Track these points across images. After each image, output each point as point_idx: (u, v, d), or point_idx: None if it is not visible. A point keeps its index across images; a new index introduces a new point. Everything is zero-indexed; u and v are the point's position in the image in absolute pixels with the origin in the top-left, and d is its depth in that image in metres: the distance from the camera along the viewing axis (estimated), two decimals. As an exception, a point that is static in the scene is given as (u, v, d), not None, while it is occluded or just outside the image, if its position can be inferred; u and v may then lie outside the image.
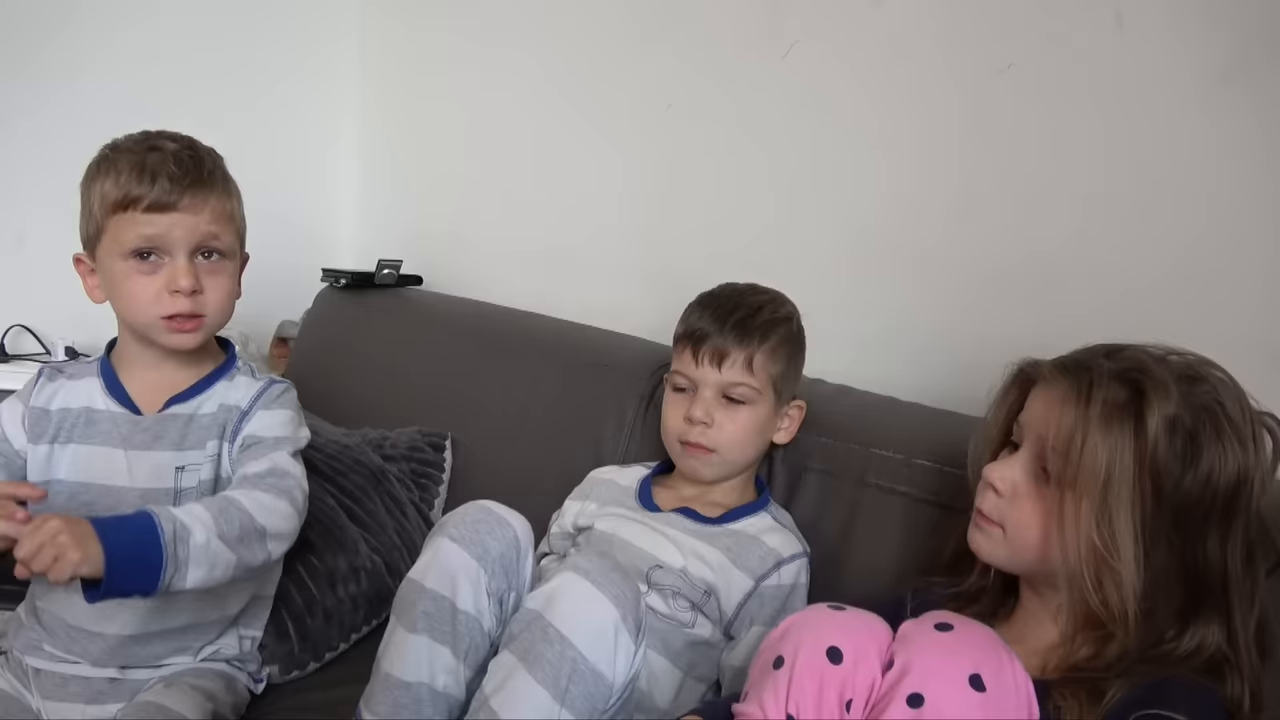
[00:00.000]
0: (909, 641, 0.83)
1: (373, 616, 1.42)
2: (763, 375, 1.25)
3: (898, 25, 1.45)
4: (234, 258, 1.20)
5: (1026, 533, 0.95)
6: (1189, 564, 0.90)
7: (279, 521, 1.12)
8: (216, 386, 1.22)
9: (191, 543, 1.02)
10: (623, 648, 0.99)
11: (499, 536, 1.08)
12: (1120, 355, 0.94)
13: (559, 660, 0.97)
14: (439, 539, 1.08)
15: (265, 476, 1.15)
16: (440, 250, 2.19)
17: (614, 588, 0.99)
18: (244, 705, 1.24)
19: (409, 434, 1.68)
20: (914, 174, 1.45)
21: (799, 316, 1.32)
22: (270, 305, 2.09)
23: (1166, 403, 0.88)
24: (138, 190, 1.11)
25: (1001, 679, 0.79)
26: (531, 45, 2.01)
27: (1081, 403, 0.91)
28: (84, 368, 1.24)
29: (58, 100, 1.96)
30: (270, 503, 1.12)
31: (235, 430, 1.20)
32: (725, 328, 1.26)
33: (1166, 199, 1.21)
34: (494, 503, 1.12)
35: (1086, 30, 1.26)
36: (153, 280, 1.14)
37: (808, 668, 0.83)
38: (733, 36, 1.65)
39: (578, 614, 0.98)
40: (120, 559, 0.97)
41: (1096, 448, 0.89)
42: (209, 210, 1.14)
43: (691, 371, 1.27)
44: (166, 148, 1.14)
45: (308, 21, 2.32)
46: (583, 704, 0.97)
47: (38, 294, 1.93)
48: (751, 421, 1.26)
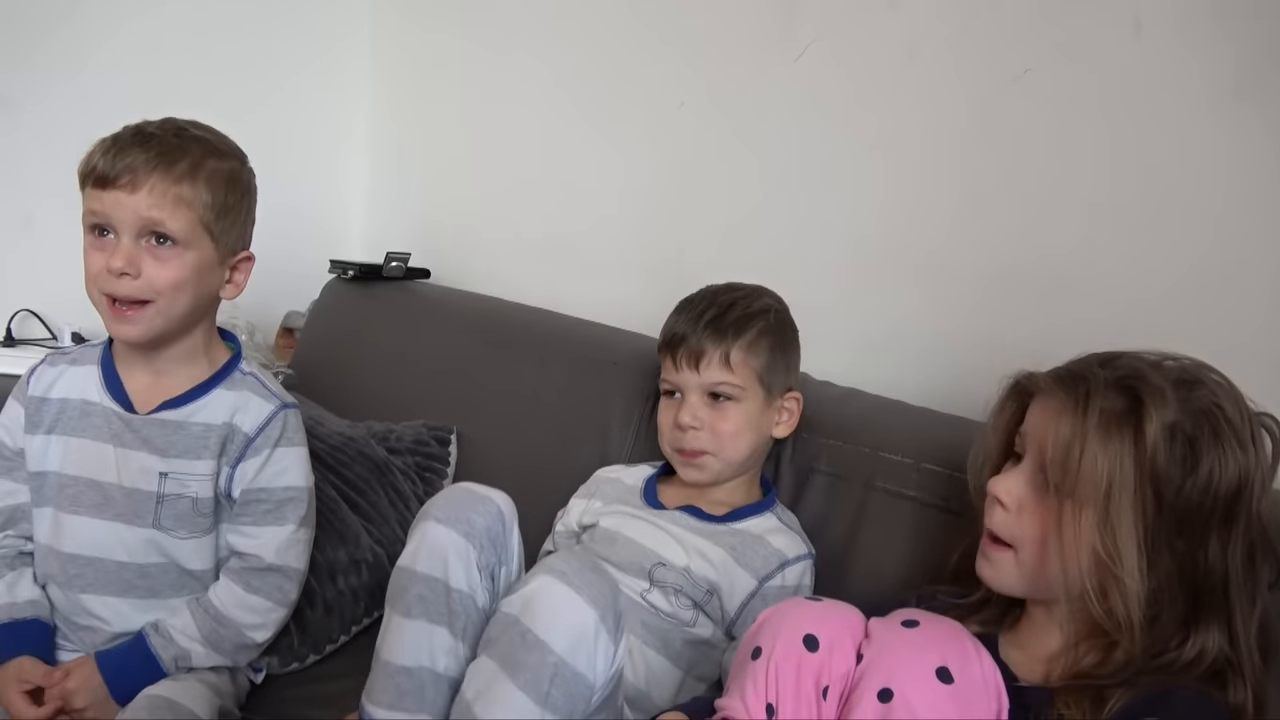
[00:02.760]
0: (877, 639, 0.84)
1: (373, 609, 1.42)
2: (744, 371, 1.25)
3: (914, 29, 1.44)
4: (191, 248, 1.13)
5: (1039, 547, 0.94)
6: (1191, 569, 0.90)
7: (272, 624, 1.21)
8: (213, 394, 1.19)
9: (193, 661, 1.17)
10: (602, 648, 0.98)
11: (483, 512, 1.09)
12: (1115, 364, 0.94)
13: (539, 666, 0.96)
14: (425, 523, 1.08)
15: (265, 574, 1.19)
16: (448, 244, 2.18)
17: (591, 589, 0.98)
18: (244, 695, 1.24)
19: (414, 427, 1.67)
20: (923, 177, 1.45)
21: (782, 309, 1.31)
22: (277, 296, 2.08)
23: (1165, 409, 0.88)
24: (93, 161, 1.11)
25: (968, 670, 0.81)
26: (544, 42, 2.01)
27: (1079, 413, 0.90)
28: (88, 353, 1.23)
29: (65, 87, 1.94)
30: (261, 609, 1.19)
31: (238, 457, 1.18)
32: (699, 328, 1.26)
33: (1175, 208, 1.21)
34: (472, 483, 1.13)
35: (1104, 38, 1.26)
36: (100, 256, 1.12)
37: (785, 656, 0.85)
38: (747, 38, 1.65)
39: (556, 618, 0.97)
40: (132, 691, 1.13)
41: (1096, 457, 0.89)
42: (147, 189, 1.09)
43: (674, 377, 1.28)
44: (145, 128, 1.13)
45: (321, 18, 2.31)
46: (565, 705, 0.97)
47: (45, 279, 1.92)
48: (741, 418, 1.25)
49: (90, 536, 1.16)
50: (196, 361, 1.20)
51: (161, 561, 1.18)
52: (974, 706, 0.80)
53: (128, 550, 1.16)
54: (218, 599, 1.17)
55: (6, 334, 1.92)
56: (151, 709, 1.09)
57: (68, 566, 1.16)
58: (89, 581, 1.16)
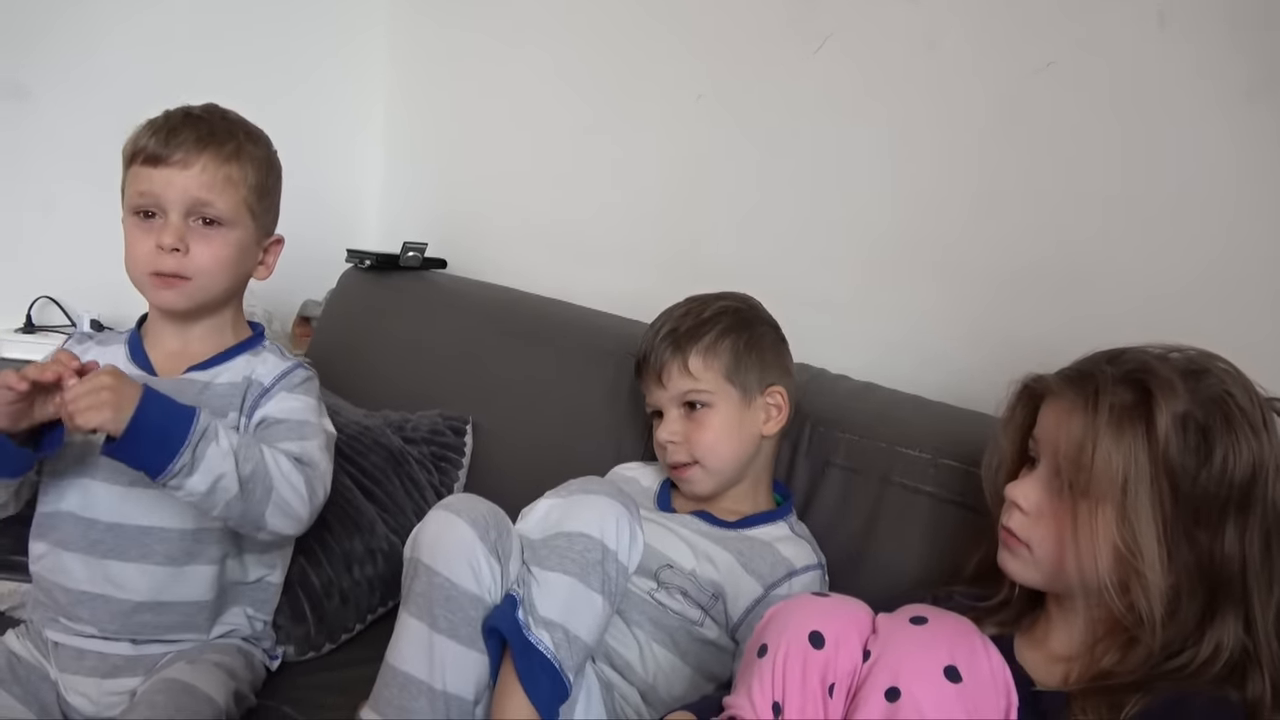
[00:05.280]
0: (885, 636, 0.84)
1: (388, 598, 1.42)
2: (708, 375, 1.25)
3: (933, 22, 1.43)
4: (236, 227, 1.18)
5: (1056, 548, 0.94)
6: (1209, 559, 0.89)
7: (289, 494, 1.12)
8: (238, 359, 1.22)
9: (211, 449, 1.05)
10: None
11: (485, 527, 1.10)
12: (1122, 359, 0.93)
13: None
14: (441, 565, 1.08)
15: (296, 455, 1.16)
16: (465, 234, 2.18)
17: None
18: (260, 682, 1.25)
19: (430, 417, 1.68)
20: (941, 172, 1.44)
21: (745, 307, 1.30)
22: (294, 284, 2.09)
23: (1175, 400, 0.88)
24: (143, 141, 1.15)
25: (977, 668, 0.80)
26: (559, 36, 2.00)
27: (1089, 410, 0.90)
28: (113, 337, 1.26)
29: (81, 76, 1.95)
30: (290, 473, 1.13)
31: (254, 406, 1.20)
32: (656, 343, 1.28)
33: (1193, 204, 1.20)
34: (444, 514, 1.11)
35: (1126, 32, 1.24)
36: (148, 237, 1.16)
37: (791, 653, 0.84)
38: (765, 30, 1.64)
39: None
40: (145, 428, 1.02)
41: (1110, 453, 0.88)
42: (199, 168, 1.14)
43: (650, 397, 1.30)
44: (192, 110, 1.18)
45: (340, 11, 2.32)
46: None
47: (65, 267, 1.94)
48: (719, 422, 1.25)
49: (110, 502, 1.16)
50: (222, 334, 1.24)
51: (186, 526, 1.17)
52: (982, 706, 0.79)
53: (153, 514, 1.16)
54: (269, 454, 1.12)
55: (27, 321, 1.93)
56: (168, 692, 1.09)
57: (90, 532, 1.16)
58: (110, 547, 1.16)
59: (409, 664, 1.04)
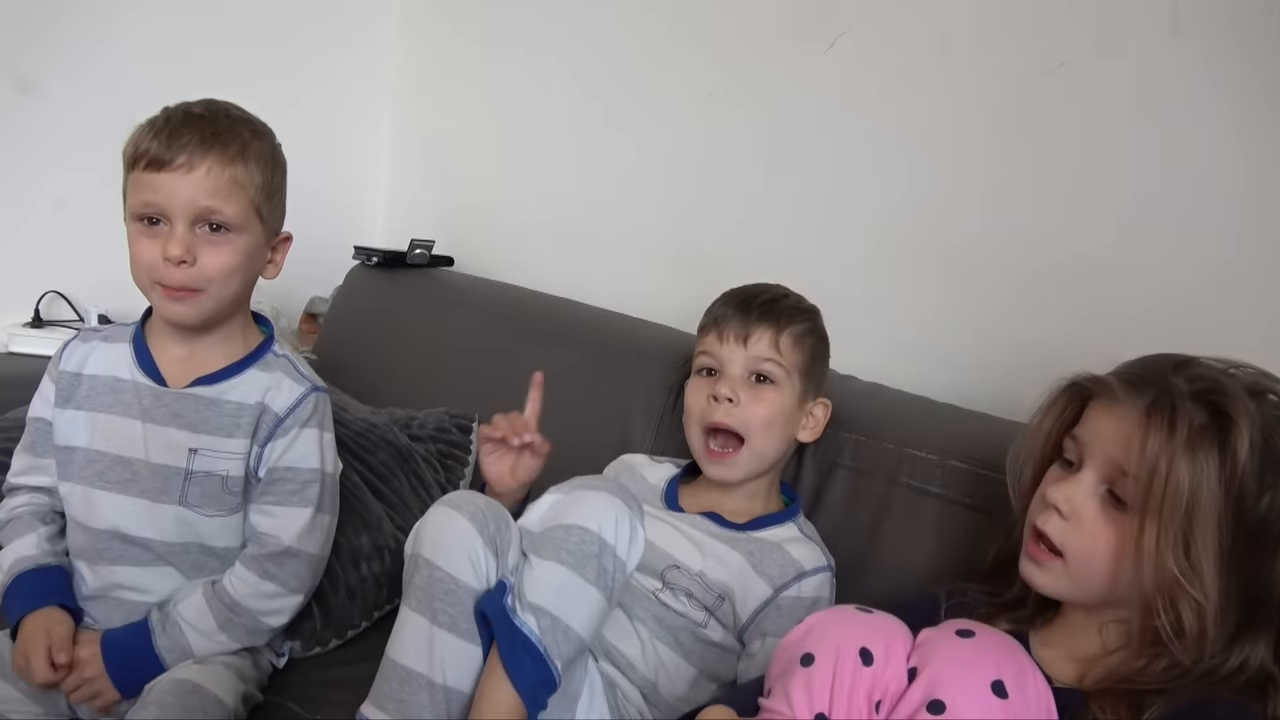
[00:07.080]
0: (930, 648, 0.82)
1: (394, 595, 1.42)
2: (790, 356, 1.25)
3: (946, 21, 1.43)
4: (244, 232, 1.14)
5: (1094, 560, 0.92)
6: (1254, 584, 0.88)
7: (287, 611, 1.22)
8: (247, 374, 1.20)
9: (187, 631, 1.16)
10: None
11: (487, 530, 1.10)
12: (1190, 372, 0.90)
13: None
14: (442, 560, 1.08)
15: (282, 559, 1.19)
16: (472, 232, 2.18)
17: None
18: (266, 679, 1.25)
19: (436, 415, 1.67)
20: (950, 173, 1.44)
21: (822, 320, 1.32)
22: (301, 281, 2.09)
23: (1251, 426, 0.86)
24: (144, 144, 1.10)
25: (1024, 687, 0.78)
26: (570, 34, 2.00)
27: (1164, 427, 0.87)
28: (120, 331, 1.23)
29: (91, 71, 1.95)
30: (277, 596, 1.19)
31: (268, 438, 1.19)
32: (751, 309, 1.27)
33: (1207, 205, 1.20)
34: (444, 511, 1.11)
35: (1139, 34, 1.24)
36: (153, 245, 1.11)
37: (841, 668, 0.83)
38: (777, 28, 1.64)
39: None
40: (127, 670, 1.14)
41: (1182, 476, 0.85)
42: (204, 171, 1.09)
43: (717, 350, 1.27)
44: (191, 109, 1.13)
45: (353, 8, 2.32)
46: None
47: (73, 262, 1.94)
48: (778, 403, 1.24)
49: (116, 512, 1.16)
50: (231, 341, 1.21)
51: (186, 540, 1.18)
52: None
53: (153, 527, 1.17)
54: (233, 586, 1.17)
55: (35, 315, 1.93)
56: (177, 692, 1.09)
57: (95, 541, 1.17)
58: (116, 555, 1.17)
59: (409, 658, 1.04)
